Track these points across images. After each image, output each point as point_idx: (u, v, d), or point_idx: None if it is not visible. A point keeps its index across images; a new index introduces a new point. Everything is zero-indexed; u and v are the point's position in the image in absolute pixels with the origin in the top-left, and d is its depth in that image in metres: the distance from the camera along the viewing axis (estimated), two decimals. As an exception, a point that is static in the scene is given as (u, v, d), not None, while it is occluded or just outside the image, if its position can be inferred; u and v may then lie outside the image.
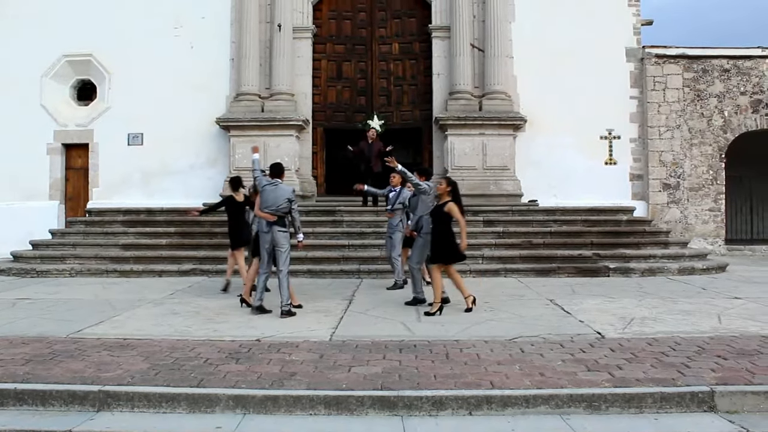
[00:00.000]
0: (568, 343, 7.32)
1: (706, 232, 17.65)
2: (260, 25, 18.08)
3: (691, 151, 17.89)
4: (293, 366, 6.38)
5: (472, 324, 8.45)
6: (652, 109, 17.93)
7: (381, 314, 9.21)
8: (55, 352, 6.96)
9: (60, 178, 18.57)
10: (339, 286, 12.12)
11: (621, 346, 7.11)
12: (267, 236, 9.16)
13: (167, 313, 9.39)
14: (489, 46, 17.72)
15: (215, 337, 7.73)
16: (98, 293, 11.34)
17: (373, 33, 19.08)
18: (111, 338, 7.68)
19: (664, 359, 6.53)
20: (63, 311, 9.63)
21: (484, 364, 6.39)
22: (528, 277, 13.20)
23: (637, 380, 5.84)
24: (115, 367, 6.33)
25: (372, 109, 18.36)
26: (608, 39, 18.01)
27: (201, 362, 6.54)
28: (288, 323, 8.57)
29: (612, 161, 18.09)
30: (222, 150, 17.99)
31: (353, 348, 7.12)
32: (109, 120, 18.38)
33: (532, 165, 17.59)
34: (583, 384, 5.75)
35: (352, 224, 15.32)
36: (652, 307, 9.66)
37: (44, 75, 18.53)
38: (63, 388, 5.76)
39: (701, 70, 17.95)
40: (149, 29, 18.26)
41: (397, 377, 5.98)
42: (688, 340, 7.41)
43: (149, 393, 5.67)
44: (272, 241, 9.13)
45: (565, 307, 9.65)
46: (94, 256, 14.35)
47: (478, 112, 17.48)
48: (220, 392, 5.64)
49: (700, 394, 5.56)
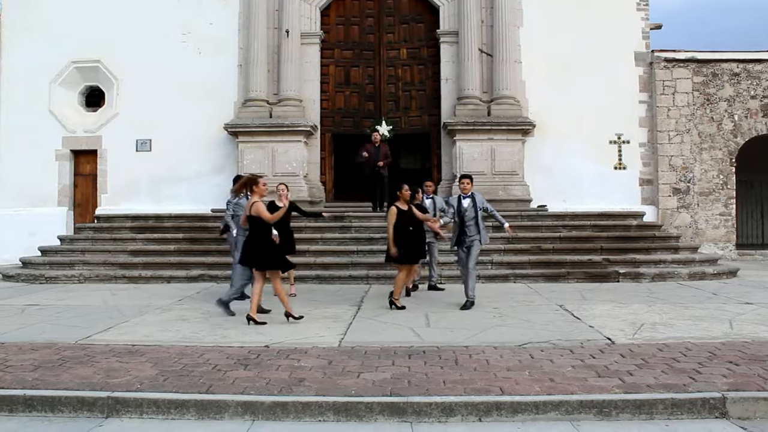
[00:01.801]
0: (578, 348, 7.29)
1: (716, 236, 17.59)
2: (268, 31, 18.16)
3: (701, 155, 17.84)
4: (302, 372, 6.37)
5: (482, 330, 8.44)
6: (662, 113, 17.91)
7: (390, 320, 9.20)
8: (64, 358, 6.98)
9: (68, 184, 18.66)
10: (347, 292, 12.12)
11: (631, 352, 7.08)
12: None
13: (176, 319, 9.41)
14: (497, 51, 17.74)
15: (224, 344, 7.74)
16: (107, 299, 11.38)
17: (380, 38, 19.13)
18: (120, 344, 7.69)
19: (675, 365, 6.50)
20: (72, 317, 9.66)
21: (494, 370, 6.37)
22: (537, 282, 13.19)
23: (647, 386, 5.81)
24: (124, 374, 6.34)
25: (380, 115, 18.38)
26: (617, 43, 18.02)
27: (210, 368, 6.54)
28: (297, 329, 8.57)
29: (621, 166, 18.05)
30: (230, 156, 18.06)
31: (362, 354, 7.10)
32: (117, 126, 18.50)
33: (541, 170, 17.58)
34: (593, 390, 5.72)
35: (361, 230, 15.33)
36: (663, 312, 9.62)
37: (53, 81, 18.65)
38: (72, 394, 5.76)
39: (711, 74, 17.92)
40: (157, 35, 18.38)
41: (407, 383, 5.97)
42: (700, 345, 7.37)
43: (158, 399, 5.68)
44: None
45: (575, 313, 9.62)
46: (103, 262, 14.41)
47: (487, 117, 17.49)
48: (228, 398, 5.64)
49: (712, 401, 5.52)
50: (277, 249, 9.36)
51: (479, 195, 10.34)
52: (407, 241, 9.94)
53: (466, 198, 10.16)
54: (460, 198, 10.22)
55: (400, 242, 9.89)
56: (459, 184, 10.40)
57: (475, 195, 10.20)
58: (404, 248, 9.91)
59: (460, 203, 10.17)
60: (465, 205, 10.11)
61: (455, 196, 10.48)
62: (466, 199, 10.16)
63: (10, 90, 18.65)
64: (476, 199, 10.16)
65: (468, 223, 10.06)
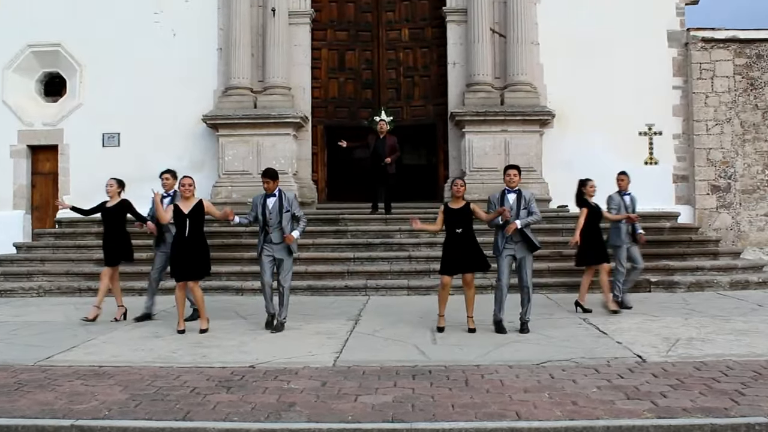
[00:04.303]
0: (604, 367, 7.31)
1: (761, 240, 17.58)
2: (251, 9, 18.15)
3: (744, 148, 17.86)
4: (292, 395, 6.39)
5: (495, 347, 8.46)
6: (699, 100, 17.91)
7: (391, 335, 9.22)
8: (21, 382, 6.99)
9: (25, 184, 18.67)
10: (343, 304, 12.15)
11: (665, 371, 7.10)
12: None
13: (149, 336, 9.43)
14: (511, 31, 17.74)
15: (203, 364, 7.76)
16: (70, 314, 11.37)
17: (379, 17, 19.15)
18: (85, 365, 7.71)
19: (714, 386, 6.51)
20: (30, 335, 9.67)
21: (509, 392, 6.39)
22: (558, 293, 13.20)
23: (683, 410, 5.83)
24: (90, 398, 6.36)
25: (379, 104, 18.31)
26: (647, 21, 18.00)
27: (187, 392, 6.56)
28: (286, 347, 8.59)
29: (653, 161, 18.07)
30: (209, 151, 18.09)
31: (360, 374, 7.13)
32: (80, 118, 18.49)
33: (562, 165, 17.51)
34: (621, 414, 5.74)
35: (358, 234, 15.34)
36: (701, 326, 9.64)
37: (6, 68, 18.67)
38: (30, 423, 5.78)
39: (755, 56, 17.92)
40: (126, 16, 18.37)
41: (410, 407, 5.99)
42: (743, 363, 7.39)
43: (128, 427, 5.69)
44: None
45: (601, 327, 9.64)
46: (65, 272, 14.42)
47: (500, 107, 17.50)
48: (209, 426, 5.65)
49: (757, 426, 5.54)
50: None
51: (528, 192, 9.77)
52: (452, 246, 9.55)
53: (511, 193, 9.56)
54: (505, 192, 9.61)
55: (445, 248, 9.64)
56: (505, 176, 9.71)
57: (523, 192, 9.59)
58: (445, 254, 9.58)
59: (503, 199, 9.57)
60: (510, 201, 9.49)
61: (496, 193, 9.76)
62: (512, 194, 9.55)
63: (-41, 78, 18.66)
64: (524, 197, 9.53)
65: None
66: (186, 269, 9.70)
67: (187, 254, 9.70)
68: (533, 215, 9.51)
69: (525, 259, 9.57)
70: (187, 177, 10.09)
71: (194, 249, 9.75)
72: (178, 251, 9.78)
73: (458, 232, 9.48)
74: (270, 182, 9.87)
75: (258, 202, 9.96)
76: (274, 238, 9.79)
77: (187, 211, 9.76)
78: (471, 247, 9.51)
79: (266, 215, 9.80)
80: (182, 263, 9.72)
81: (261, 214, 9.85)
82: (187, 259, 9.69)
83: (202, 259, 9.84)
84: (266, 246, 9.85)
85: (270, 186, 9.86)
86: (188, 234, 9.72)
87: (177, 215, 9.80)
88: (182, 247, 9.75)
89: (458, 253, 9.45)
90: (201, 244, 9.87)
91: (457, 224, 9.49)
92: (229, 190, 17.49)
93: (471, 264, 9.51)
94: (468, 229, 9.52)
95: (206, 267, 9.94)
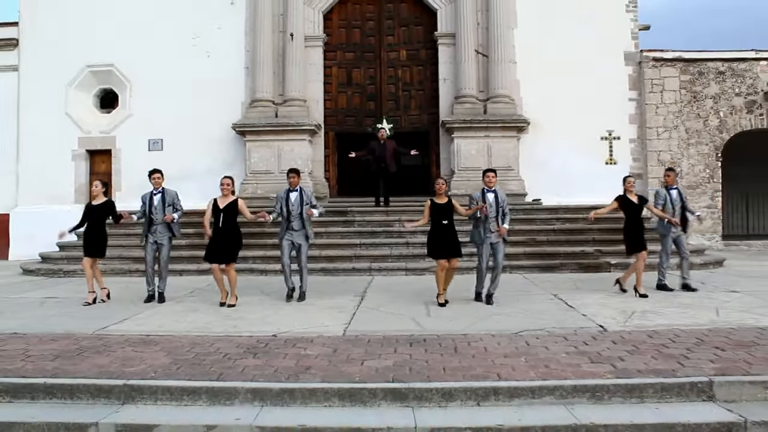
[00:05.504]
0: (571, 336, 7.29)
1: (703, 228, 17.53)
2: (273, 34, 18.14)
3: (689, 150, 17.81)
4: (308, 360, 6.38)
5: (480, 319, 8.45)
6: (651, 110, 17.87)
7: (392, 310, 9.21)
8: (82, 348, 7.00)
9: (84, 183, 18.64)
10: (351, 283, 12.14)
11: (622, 339, 7.09)
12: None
13: (188, 311, 9.43)
14: (493, 52, 17.70)
15: (233, 333, 7.75)
16: (122, 292, 11.40)
17: (381, 41, 19.10)
18: (135, 334, 7.71)
19: (664, 351, 6.50)
20: (88, 309, 9.69)
21: (492, 357, 6.38)
22: (532, 273, 13.19)
23: (638, 371, 5.82)
24: (139, 362, 6.36)
25: (381, 114, 18.32)
26: (608, 44, 17.96)
27: (220, 357, 6.55)
28: (303, 319, 8.58)
29: (612, 161, 18.03)
30: (238, 154, 18.09)
31: (365, 342, 7.12)
32: (130, 127, 18.54)
33: (536, 165, 17.53)
34: (586, 375, 5.73)
35: (363, 224, 15.32)
36: (654, 301, 9.62)
37: (69, 85, 18.67)
38: (90, 382, 5.79)
39: (697, 73, 17.87)
40: (167, 40, 18.37)
41: (408, 370, 5.98)
42: (688, 332, 7.37)
43: (171, 386, 5.70)
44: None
45: (569, 302, 9.62)
46: (118, 256, 14.41)
47: (483, 116, 17.46)
48: (238, 385, 5.66)
49: (700, 384, 5.53)
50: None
51: (502, 193, 9.87)
52: (440, 235, 9.57)
53: (490, 192, 9.67)
54: (485, 191, 9.68)
55: (433, 237, 9.63)
56: (484, 178, 9.75)
57: (498, 192, 9.71)
58: (435, 242, 9.59)
59: (485, 197, 9.65)
60: (490, 199, 9.62)
61: (478, 192, 9.80)
62: (490, 193, 9.67)
63: (29, 93, 18.67)
64: (500, 197, 9.68)
65: (490, 219, 9.59)
66: (216, 254, 9.73)
67: (219, 242, 9.73)
68: (507, 215, 9.82)
69: (499, 245, 9.72)
70: (226, 177, 10.18)
71: (225, 238, 9.76)
72: (213, 239, 9.79)
73: (444, 223, 9.55)
74: (296, 177, 10.26)
75: (282, 197, 10.17)
76: (295, 225, 10.07)
77: (222, 206, 9.80)
78: (453, 236, 9.62)
79: (289, 207, 10.06)
80: (214, 249, 9.75)
81: (284, 206, 10.08)
82: (218, 247, 9.73)
83: (231, 247, 9.84)
84: (287, 233, 10.11)
85: (295, 180, 10.19)
86: (222, 225, 9.74)
87: (214, 209, 9.83)
88: (216, 236, 9.79)
89: (445, 240, 9.54)
90: (232, 234, 9.87)
91: (442, 217, 9.57)
92: (254, 186, 17.52)
93: (455, 251, 9.62)
94: (451, 221, 9.61)
95: (233, 255, 9.92)
